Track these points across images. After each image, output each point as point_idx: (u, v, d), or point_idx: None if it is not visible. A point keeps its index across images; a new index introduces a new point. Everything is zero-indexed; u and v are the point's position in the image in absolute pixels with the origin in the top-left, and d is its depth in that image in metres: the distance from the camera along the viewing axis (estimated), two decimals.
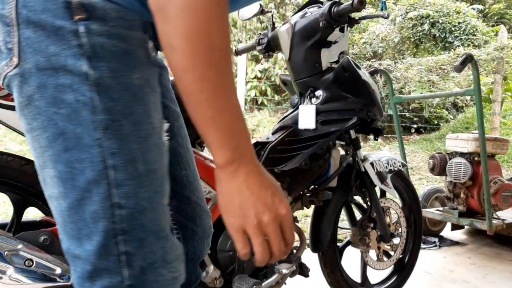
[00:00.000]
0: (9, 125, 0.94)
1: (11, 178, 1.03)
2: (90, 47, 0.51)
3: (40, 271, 0.87)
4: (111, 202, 0.55)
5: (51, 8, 0.50)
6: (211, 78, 0.52)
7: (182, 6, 0.48)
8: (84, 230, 0.56)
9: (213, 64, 0.51)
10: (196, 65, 0.50)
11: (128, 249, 0.57)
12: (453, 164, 2.56)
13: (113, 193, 0.55)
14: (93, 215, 0.55)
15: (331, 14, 1.30)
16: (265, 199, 0.57)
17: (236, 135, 0.56)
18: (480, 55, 6.46)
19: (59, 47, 0.51)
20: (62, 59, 0.51)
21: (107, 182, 0.54)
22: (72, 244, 0.58)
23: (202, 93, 0.52)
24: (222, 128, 0.54)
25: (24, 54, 0.52)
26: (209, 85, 0.52)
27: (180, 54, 0.50)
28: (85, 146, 0.53)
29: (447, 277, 2.17)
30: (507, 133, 6.35)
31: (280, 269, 1.31)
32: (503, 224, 2.42)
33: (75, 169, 0.54)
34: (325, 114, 1.37)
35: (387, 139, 6.87)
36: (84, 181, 0.54)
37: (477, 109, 2.26)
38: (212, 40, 0.50)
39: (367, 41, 8.59)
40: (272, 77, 8.67)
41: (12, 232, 1.05)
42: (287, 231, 0.60)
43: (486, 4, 11.98)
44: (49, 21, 0.50)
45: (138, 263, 0.59)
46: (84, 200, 0.55)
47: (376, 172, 1.60)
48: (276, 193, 0.59)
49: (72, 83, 0.52)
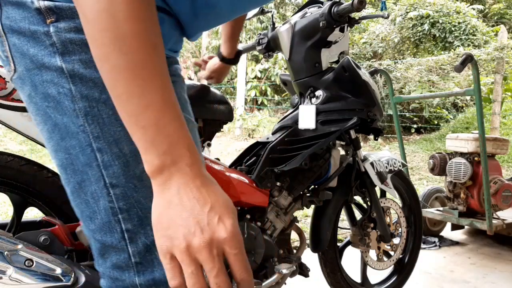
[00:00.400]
0: (9, 125, 0.94)
1: (11, 178, 1.03)
2: (60, 44, 0.56)
3: (40, 271, 0.87)
4: (104, 182, 0.58)
5: (27, 16, 0.56)
6: (125, 68, 0.46)
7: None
8: (87, 211, 0.60)
9: (125, 53, 0.46)
10: (106, 53, 0.47)
11: (129, 227, 0.58)
12: (453, 164, 2.56)
13: (104, 174, 0.58)
14: (93, 195, 0.59)
15: (331, 14, 1.30)
16: (199, 217, 0.47)
17: (165, 137, 0.48)
18: (480, 55, 6.47)
19: (37, 48, 0.56)
20: (40, 58, 0.56)
21: (96, 164, 0.57)
22: (84, 225, 0.62)
23: (116, 87, 0.48)
24: (145, 127, 0.48)
25: (16, 59, 0.58)
26: (123, 77, 0.47)
27: (90, 41, 0.48)
28: (73, 133, 0.57)
29: (447, 277, 2.17)
30: (507, 133, 6.36)
31: (280, 269, 1.31)
32: (503, 224, 2.42)
33: (71, 155, 0.58)
34: (325, 114, 1.38)
35: (387, 139, 6.87)
36: (80, 165, 0.58)
37: (477, 109, 2.26)
38: (119, 26, 0.46)
39: (367, 41, 8.59)
40: (272, 77, 8.67)
41: (12, 232, 1.05)
42: (234, 262, 0.48)
43: (486, 4, 11.98)
44: (27, 27, 0.56)
45: (141, 240, 0.58)
46: (83, 182, 0.59)
47: (376, 172, 1.60)
48: (216, 210, 0.48)
49: (52, 78, 0.56)
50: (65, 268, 0.90)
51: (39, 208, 1.09)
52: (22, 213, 1.08)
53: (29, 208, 1.09)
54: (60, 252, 0.99)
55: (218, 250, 0.47)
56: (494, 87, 5.53)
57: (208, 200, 0.48)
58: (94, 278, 0.93)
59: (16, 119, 0.93)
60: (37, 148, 5.68)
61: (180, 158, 0.49)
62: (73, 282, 0.89)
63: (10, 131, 5.90)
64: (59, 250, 0.99)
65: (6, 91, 0.90)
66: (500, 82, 5.46)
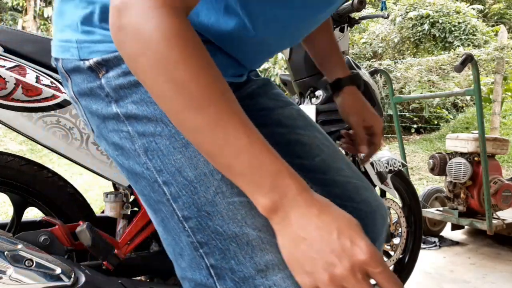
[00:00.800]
0: (9, 125, 0.94)
1: (11, 178, 1.03)
2: (113, 92, 0.57)
3: (40, 271, 0.87)
4: (177, 216, 0.56)
5: (85, 76, 0.60)
6: (203, 127, 0.47)
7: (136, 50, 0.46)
8: (177, 248, 0.57)
9: (198, 112, 0.46)
10: (182, 119, 0.47)
11: (212, 262, 0.54)
12: (453, 164, 2.56)
13: (175, 207, 0.55)
14: (175, 232, 0.56)
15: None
16: (331, 246, 0.46)
17: (263, 175, 0.47)
18: (480, 55, 6.47)
19: (97, 103, 0.59)
20: (101, 111, 0.59)
21: (166, 198, 0.56)
22: (175, 264, 0.59)
23: (202, 146, 0.49)
24: (242, 174, 0.48)
25: (90, 120, 0.62)
26: (205, 136, 0.47)
27: (166, 111, 0.49)
28: (139, 174, 0.58)
29: (447, 277, 2.17)
30: (507, 133, 6.35)
31: None
32: (503, 224, 2.42)
33: (146, 196, 0.59)
34: (325, 114, 1.38)
35: (387, 139, 6.86)
36: (154, 203, 0.58)
37: (477, 109, 2.26)
38: (185, 92, 0.46)
39: (367, 41, 8.59)
40: (272, 77, 8.67)
41: (12, 232, 1.05)
42: (381, 280, 0.46)
43: (486, 4, 11.98)
44: (86, 87, 0.60)
45: (228, 277, 0.53)
46: (164, 220, 0.58)
47: (376, 172, 1.60)
48: (345, 233, 0.47)
49: (113, 126, 0.58)
50: (65, 268, 0.90)
51: (39, 208, 1.09)
52: (22, 213, 1.08)
53: (29, 208, 1.09)
54: (60, 252, 0.99)
55: (362, 273, 0.46)
56: (494, 87, 5.53)
57: (332, 226, 0.47)
58: (94, 278, 0.93)
59: (16, 119, 0.93)
60: (37, 148, 5.68)
61: (286, 189, 0.48)
62: (73, 282, 0.89)
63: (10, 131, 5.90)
64: (59, 250, 0.99)
65: (6, 91, 0.90)
66: (500, 82, 5.46)
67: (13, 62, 0.93)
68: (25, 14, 10.27)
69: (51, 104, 0.94)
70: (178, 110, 0.47)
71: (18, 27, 10.03)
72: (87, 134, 0.97)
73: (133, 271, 1.10)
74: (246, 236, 0.52)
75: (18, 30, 1.04)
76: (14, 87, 0.91)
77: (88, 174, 4.11)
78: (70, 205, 1.09)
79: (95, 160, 1.00)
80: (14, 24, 10.60)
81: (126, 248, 1.04)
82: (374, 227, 0.83)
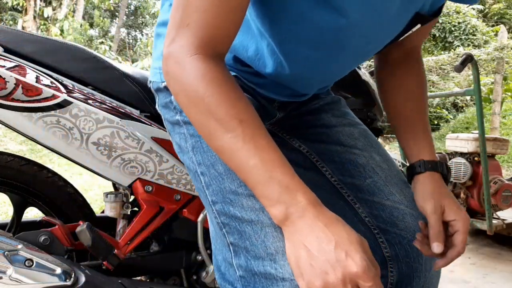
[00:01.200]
0: (9, 125, 0.94)
1: (11, 178, 1.03)
2: (177, 105, 0.74)
3: (40, 271, 0.87)
4: (208, 201, 0.68)
5: (163, 94, 0.78)
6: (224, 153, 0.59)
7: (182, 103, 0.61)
8: (212, 228, 0.71)
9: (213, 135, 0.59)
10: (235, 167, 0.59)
11: (231, 240, 0.64)
12: (453, 164, 2.56)
13: (207, 193, 0.68)
14: (209, 215, 0.70)
15: None
16: (327, 255, 0.51)
17: (273, 189, 0.55)
18: (480, 55, 6.48)
19: (169, 113, 0.77)
20: (171, 119, 0.76)
21: (202, 185, 0.69)
22: (212, 243, 0.72)
23: (226, 162, 0.61)
24: (253, 187, 0.57)
25: (167, 126, 0.80)
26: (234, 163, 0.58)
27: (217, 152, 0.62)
28: (188, 167, 0.73)
29: (447, 277, 2.17)
30: (507, 133, 6.35)
31: None
32: (503, 224, 2.42)
33: (195, 185, 0.73)
34: None
35: (387, 139, 6.86)
36: (198, 191, 0.72)
37: (477, 109, 2.26)
38: (210, 114, 0.58)
39: None
40: None
41: (12, 232, 1.05)
42: None
43: (486, 4, 11.98)
44: (164, 101, 0.78)
45: (243, 254, 0.62)
46: (205, 207, 0.72)
47: None
48: (342, 246, 0.51)
49: (177, 130, 0.75)
50: (65, 268, 0.90)
51: (39, 208, 1.09)
52: (22, 213, 1.08)
53: (29, 208, 1.09)
54: (60, 252, 0.99)
55: (352, 285, 0.51)
56: (494, 87, 5.53)
57: (332, 238, 0.52)
58: (94, 278, 0.93)
59: (16, 119, 0.93)
60: (37, 148, 5.69)
61: (294, 201, 0.55)
62: (73, 282, 0.89)
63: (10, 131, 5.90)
64: (59, 250, 0.99)
65: (6, 91, 0.90)
66: (500, 82, 5.46)
67: (13, 62, 0.93)
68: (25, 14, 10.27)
69: (51, 104, 0.94)
70: (205, 135, 0.60)
71: (18, 27, 10.04)
72: (87, 134, 0.97)
73: (133, 271, 1.10)
74: (260, 223, 0.61)
75: (18, 30, 1.04)
76: (14, 87, 0.91)
77: (88, 174, 4.11)
78: (70, 205, 1.09)
79: (95, 160, 1.00)
80: (14, 24, 10.61)
81: (126, 248, 1.04)
82: (419, 257, 0.77)
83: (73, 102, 0.95)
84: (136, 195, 1.06)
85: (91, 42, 11.07)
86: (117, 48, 13.39)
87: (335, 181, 0.84)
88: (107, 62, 1.05)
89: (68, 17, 10.91)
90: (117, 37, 14.33)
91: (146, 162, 1.02)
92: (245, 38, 0.70)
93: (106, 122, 0.98)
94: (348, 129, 0.87)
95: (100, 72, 1.03)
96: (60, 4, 11.01)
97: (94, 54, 1.05)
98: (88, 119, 0.97)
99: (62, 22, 10.53)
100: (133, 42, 16.55)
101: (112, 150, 0.99)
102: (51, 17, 10.72)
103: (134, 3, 16.53)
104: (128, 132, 1.00)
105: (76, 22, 10.94)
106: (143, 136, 1.01)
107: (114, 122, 0.99)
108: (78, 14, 11.64)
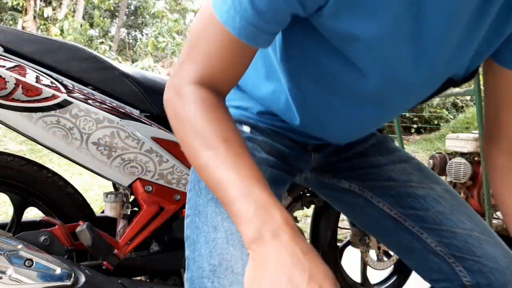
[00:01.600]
0: (9, 125, 0.94)
1: (11, 178, 1.03)
2: None
3: (40, 271, 0.87)
4: (186, 214, 0.70)
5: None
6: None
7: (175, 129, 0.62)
8: None
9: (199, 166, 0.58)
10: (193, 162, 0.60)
11: (187, 253, 0.65)
12: (453, 164, 2.56)
13: (187, 207, 0.71)
14: None
15: None
16: (298, 284, 0.46)
17: (247, 206, 0.51)
18: None
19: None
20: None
21: (188, 199, 0.72)
22: None
23: (205, 181, 0.59)
24: (227, 205, 0.54)
25: None
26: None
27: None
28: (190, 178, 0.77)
29: None
30: None
31: None
32: (503, 224, 2.42)
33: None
34: None
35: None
36: None
37: (477, 109, 2.25)
38: (187, 144, 0.59)
39: None
40: None
41: (12, 232, 1.05)
42: None
43: None
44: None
45: (190, 266, 0.62)
46: None
47: None
48: (316, 279, 0.47)
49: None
50: (65, 268, 0.90)
51: (39, 208, 1.09)
52: (22, 213, 1.08)
53: (29, 208, 1.09)
54: (60, 252, 0.99)
55: None
56: None
57: (307, 268, 0.47)
58: (94, 278, 0.93)
59: (16, 119, 0.93)
60: (37, 148, 5.69)
61: (269, 219, 0.50)
62: (73, 282, 0.89)
63: (10, 131, 5.90)
64: (59, 250, 0.99)
65: (6, 91, 0.90)
66: None
67: (13, 62, 0.93)
68: (25, 14, 10.27)
69: (51, 104, 0.94)
70: (189, 154, 0.60)
71: (18, 27, 10.04)
72: (87, 134, 0.97)
73: (133, 271, 1.10)
74: (214, 234, 0.61)
75: (18, 30, 1.04)
76: (14, 87, 0.91)
77: (88, 174, 4.11)
78: (70, 205, 1.09)
79: (95, 160, 1.00)
80: (14, 24, 10.61)
81: (126, 248, 1.04)
82: (500, 282, 0.75)
83: (73, 102, 0.95)
84: (136, 195, 1.06)
85: (91, 42, 11.06)
86: (117, 48, 13.38)
87: (396, 214, 0.82)
88: (107, 62, 1.05)
89: (68, 17, 10.91)
90: (117, 37, 14.33)
91: (146, 162, 1.02)
92: (277, 88, 0.72)
93: (106, 122, 0.98)
94: (399, 166, 0.85)
95: (100, 72, 1.03)
96: (60, 4, 11.01)
97: (94, 54, 1.05)
98: (88, 119, 0.97)
99: (62, 22, 10.53)
100: (133, 42, 16.54)
101: (112, 150, 0.99)
102: (51, 17, 10.72)
103: (134, 3, 16.53)
104: (128, 132, 1.00)
105: (76, 22, 10.94)
106: (143, 136, 1.01)
107: (114, 122, 0.99)
108: (78, 14, 11.64)
